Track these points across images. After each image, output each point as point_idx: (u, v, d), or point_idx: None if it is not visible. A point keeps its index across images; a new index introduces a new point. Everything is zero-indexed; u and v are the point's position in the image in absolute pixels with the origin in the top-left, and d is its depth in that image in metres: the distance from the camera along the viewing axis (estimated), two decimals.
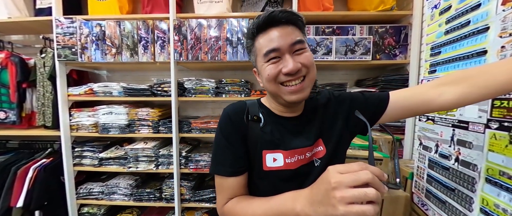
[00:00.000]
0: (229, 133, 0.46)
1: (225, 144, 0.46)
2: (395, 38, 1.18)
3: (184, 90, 1.27)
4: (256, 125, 0.46)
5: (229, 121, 0.47)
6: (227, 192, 0.46)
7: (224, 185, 0.46)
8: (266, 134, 0.46)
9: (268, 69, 0.42)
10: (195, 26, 1.16)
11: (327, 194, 0.28)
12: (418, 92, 0.45)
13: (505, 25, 0.50)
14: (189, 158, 1.26)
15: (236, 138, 0.46)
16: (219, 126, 0.48)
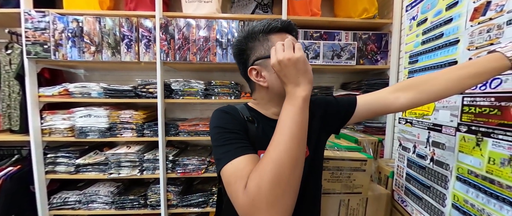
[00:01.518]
0: (233, 124, 0.44)
1: (230, 132, 0.42)
2: (376, 45, 1.25)
3: (171, 91, 1.22)
4: (252, 126, 0.47)
5: (229, 115, 0.46)
6: (246, 171, 0.36)
7: (239, 166, 0.37)
8: (260, 134, 0.47)
9: None
10: (183, 26, 1.12)
11: (290, 66, 0.38)
12: (380, 97, 0.52)
13: (472, 39, 0.56)
14: (176, 162, 1.22)
15: (240, 127, 0.44)
16: (217, 121, 0.45)
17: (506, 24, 0.48)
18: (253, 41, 0.46)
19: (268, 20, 0.46)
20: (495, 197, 0.49)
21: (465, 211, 0.57)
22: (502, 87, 0.49)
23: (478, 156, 0.53)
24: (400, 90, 0.50)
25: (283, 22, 0.46)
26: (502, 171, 0.48)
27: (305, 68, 0.38)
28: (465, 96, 0.57)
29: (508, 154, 0.47)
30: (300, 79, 0.38)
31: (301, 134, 0.37)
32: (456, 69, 0.46)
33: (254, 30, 0.46)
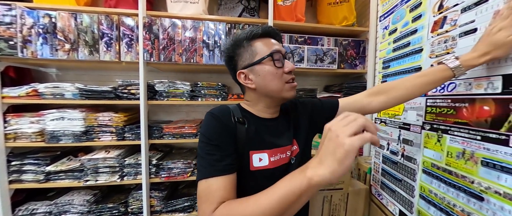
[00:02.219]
0: (218, 134, 0.45)
1: (214, 145, 0.44)
2: (355, 50, 1.34)
3: (155, 93, 1.18)
4: (242, 127, 0.48)
5: (217, 122, 0.46)
6: (217, 195, 0.40)
7: (212, 187, 0.41)
8: (251, 135, 0.49)
9: (276, 67, 0.48)
10: (169, 26, 1.10)
11: (333, 143, 0.29)
12: (357, 100, 0.59)
13: (433, 48, 0.64)
14: (160, 166, 1.18)
15: (226, 137, 0.46)
16: (205, 129, 0.46)
17: (459, 36, 0.56)
18: (239, 48, 0.50)
19: (251, 27, 0.50)
20: (452, 186, 0.56)
21: (430, 200, 0.64)
22: (456, 90, 0.56)
23: (439, 150, 0.60)
24: (373, 94, 0.58)
25: (264, 28, 0.50)
26: (458, 163, 0.55)
27: (343, 159, 0.27)
28: (428, 98, 0.65)
29: (461, 148, 0.54)
30: (329, 161, 0.29)
31: (286, 210, 0.33)
32: (416, 77, 0.54)
33: (239, 38, 0.50)
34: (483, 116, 0.49)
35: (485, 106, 0.49)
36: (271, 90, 0.49)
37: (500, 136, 0.45)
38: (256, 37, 0.49)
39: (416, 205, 0.69)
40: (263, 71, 0.48)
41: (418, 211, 0.68)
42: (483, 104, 0.49)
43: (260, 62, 0.48)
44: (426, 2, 0.67)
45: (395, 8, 0.82)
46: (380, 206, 0.90)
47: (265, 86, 0.49)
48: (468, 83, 0.53)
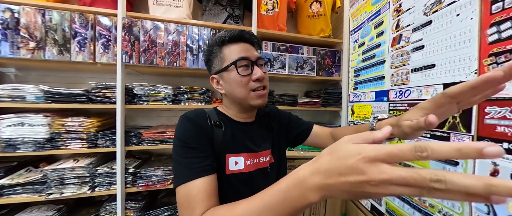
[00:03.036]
0: (195, 136, 0.44)
1: (190, 148, 0.43)
2: (332, 59, 1.47)
3: (133, 96, 1.13)
4: (218, 130, 0.48)
5: (193, 125, 0.45)
6: (199, 198, 0.38)
7: (193, 191, 0.39)
8: (228, 138, 0.49)
9: (240, 75, 0.47)
10: (150, 28, 1.08)
11: (356, 170, 0.19)
12: (324, 136, 0.61)
13: (393, 61, 0.74)
14: (138, 174, 1.11)
15: (203, 140, 0.45)
16: (180, 132, 0.45)
17: (412, 51, 0.67)
18: (211, 53, 0.51)
19: (222, 32, 0.50)
20: None
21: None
22: (411, 96, 0.67)
23: None
24: (331, 136, 0.59)
25: (232, 33, 0.48)
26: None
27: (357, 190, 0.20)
28: (391, 103, 0.75)
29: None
30: (340, 181, 0.20)
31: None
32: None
33: (210, 44, 0.51)
34: None
35: None
36: (237, 98, 0.49)
37: (444, 134, 0.55)
38: (225, 42, 0.49)
39: (384, 198, 0.77)
40: (229, 78, 0.48)
41: (386, 203, 0.76)
42: None
43: (226, 69, 0.48)
44: (386, 21, 0.78)
45: (363, 24, 0.94)
46: (355, 201, 0.98)
47: (232, 93, 0.49)
48: (419, 90, 0.63)
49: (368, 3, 0.90)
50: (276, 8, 1.34)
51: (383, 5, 0.80)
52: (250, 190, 0.50)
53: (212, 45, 0.50)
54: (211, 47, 0.51)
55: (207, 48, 0.52)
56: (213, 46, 0.50)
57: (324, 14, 1.42)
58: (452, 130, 0.53)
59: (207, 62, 0.53)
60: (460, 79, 0.51)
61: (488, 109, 0.45)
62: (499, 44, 0.44)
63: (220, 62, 0.49)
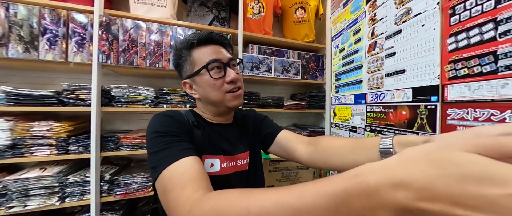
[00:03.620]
0: (174, 126, 0.41)
1: (170, 135, 0.38)
2: (316, 64, 1.53)
3: (111, 99, 1.06)
4: (196, 131, 0.47)
5: (171, 118, 0.43)
6: (188, 176, 0.31)
7: (179, 170, 0.32)
8: (205, 139, 0.48)
9: (214, 78, 0.46)
10: (131, 27, 1.03)
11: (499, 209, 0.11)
12: (292, 140, 0.52)
13: (369, 66, 0.80)
14: (115, 182, 1.04)
15: (183, 130, 0.41)
16: (157, 124, 0.41)
17: (385, 57, 0.72)
18: (180, 57, 0.49)
19: (189, 35, 0.48)
20: None
21: None
22: (385, 99, 0.72)
23: None
24: (307, 142, 0.49)
25: (201, 35, 0.46)
26: None
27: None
28: (368, 105, 0.80)
29: None
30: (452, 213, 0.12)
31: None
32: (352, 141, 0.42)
33: (177, 48, 0.49)
34: (402, 119, 0.64)
35: (403, 111, 0.64)
36: (213, 101, 0.48)
37: (413, 134, 0.60)
38: (194, 45, 0.47)
39: None
40: (202, 82, 0.47)
41: None
42: (402, 110, 0.64)
43: (198, 73, 0.46)
44: (363, 28, 0.84)
45: (343, 31, 1.00)
46: None
47: (206, 97, 0.48)
48: (392, 93, 0.68)
49: (347, 11, 0.96)
50: (262, 12, 1.37)
51: (360, 14, 0.86)
52: None
53: (180, 48, 0.48)
54: (179, 51, 0.48)
55: (175, 52, 0.49)
56: (182, 50, 0.48)
57: (308, 20, 1.48)
58: (420, 130, 0.57)
59: (176, 67, 0.51)
60: (426, 84, 0.56)
61: (449, 111, 0.50)
62: (457, 52, 0.49)
63: (190, 66, 0.47)
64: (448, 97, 0.51)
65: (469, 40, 0.46)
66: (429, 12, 0.55)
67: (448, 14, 0.51)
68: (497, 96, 0.41)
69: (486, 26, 0.43)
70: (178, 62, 0.50)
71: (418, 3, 0.59)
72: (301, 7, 1.48)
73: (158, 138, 0.38)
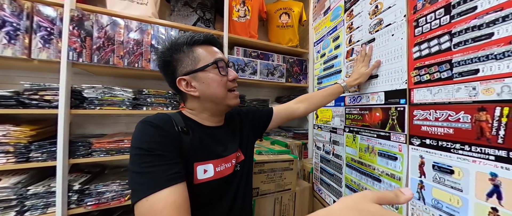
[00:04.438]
0: (160, 142, 0.39)
1: (155, 155, 0.37)
2: (299, 68, 1.58)
3: (82, 100, 0.97)
4: (186, 137, 0.44)
5: (157, 130, 0.40)
6: (167, 213, 0.32)
7: (158, 205, 0.32)
8: (196, 145, 0.46)
9: (221, 75, 0.48)
10: (107, 24, 0.97)
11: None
12: (289, 107, 0.72)
13: (347, 70, 0.85)
14: (86, 191, 0.95)
15: (170, 146, 0.40)
16: (141, 138, 0.39)
17: None
18: (178, 52, 0.47)
19: (190, 33, 0.49)
20: (363, 174, 0.74)
21: (351, 187, 0.81)
22: (362, 101, 0.77)
23: (355, 147, 0.79)
24: (299, 102, 0.74)
25: (206, 35, 0.49)
26: (365, 155, 0.74)
27: None
28: (346, 107, 0.85)
29: (367, 144, 0.73)
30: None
31: None
32: (324, 91, 0.76)
33: (177, 42, 0.47)
34: (376, 120, 0.69)
35: (377, 113, 0.69)
36: (216, 98, 0.49)
37: (386, 134, 0.65)
38: (197, 43, 0.48)
39: (344, 194, 0.85)
40: (207, 79, 0.47)
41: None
42: (376, 112, 0.69)
43: (204, 69, 0.47)
44: (342, 35, 0.89)
45: (324, 37, 1.05)
46: (321, 200, 1.05)
47: (209, 94, 0.48)
48: (367, 96, 0.74)
49: (327, 19, 1.02)
50: (247, 16, 1.38)
51: (339, 22, 0.92)
52: (220, 197, 0.49)
53: (180, 43, 0.47)
54: (179, 46, 0.47)
55: (172, 46, 0.47)
56: (182, 45, 0.47)
57: (292, 26, 1.53)
58: (392, 130, 0.63)
59: (167, 64, 0.48)
60: (396, 88, 0.62)
61: (415, 112, 0.56)
62: (420, 60, 0.55)
63: (193, 62, 0.47)
64: (414, 100, 0.56)
65: (430, 50, 0.52)
66: (398, 23, 0.61)
67: (413, 26, 0.57)
68: (452, 99, 0.47)
69: (443, 38, 0.49)
70: (173, 57, 0.47)
71: (388, 15, 0.65)
72: (285, 12, 1.53)
73: (141, 156, 0.37)
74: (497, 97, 0.39)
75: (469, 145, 0.44)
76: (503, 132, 0.38)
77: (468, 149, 0.44)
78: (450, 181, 0.47)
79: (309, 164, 1.23)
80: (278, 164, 0.93)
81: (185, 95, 0.51)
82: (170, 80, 0.50)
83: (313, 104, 0.74)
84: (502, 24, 0.39)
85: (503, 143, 0.38)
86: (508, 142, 0.38)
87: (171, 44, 0.48)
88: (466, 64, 0.45)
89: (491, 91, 0.40)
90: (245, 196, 0.56)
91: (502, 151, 0.38)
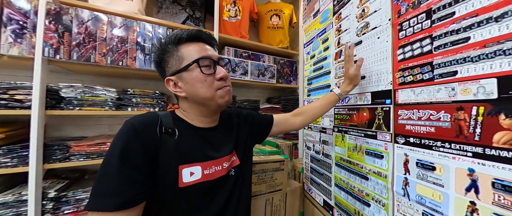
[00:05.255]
0: (130, 150, 0.38)
1: (118, 167, 0.36)
2: (290, 69, 1.60)
3: (59, 100, 0.91)
4: (170, 139, 0.43)
5: (134, 135, 0.39)
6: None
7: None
8: (182, 147, 0.44)
9: (205, 74, 0.45)
10: (88, 19, 0.91)
11: None
12: (287, 119, 0.73)
13: (336, 72, 0.87)
14: (62, 199, 0.88)
15: (140, 156, 0.39)
16: (120, 141, 0.38)
17: None
18: (165, 53, 0.46)
19: (177, 31, 0.47)
20: (352, 173, 0.76)
21: (340, 186, 0.82)
22: (350, 102, 0.79)
23: (343, 146, 0.81)
24: (296, 115, 0.74)
25: (191, 31, 0.47)
26: (354, 154, 0.75)
27: None
28: (336, 108, 0.87)
29: (355, 143, 0.75)
30: None
31: None
32: (319, 101, 0.74)
33: (164, 42, 0.47)
34: (364, 120, 0.71)
35: (364, 113, 0.71)
36: (202, 98, 0.46)
37: (373, 133, 0.67)
38: (182, 41, 0.46)
39: (333, 192, 0.86)
40: (191, 78, 0.45)
41: (334, 197, 0.86)
42: (363, 112, 0.72)
43: (186, 68, 0.45)
44: (330, 37, 0.92)
45: (313, 39, 1.07)
46: (311, 199, 1.06)
47: (195, 94, 0.46)
48: (355, 97, 0.76)
49: (317, 21, 1.04)
50: (238, 16, 1.37)
51: (328, 25, 0.94)
52: (207, 201, 0.47)
53: (166, 43, 0.46)
54: (165, 46, 0.46)
55: (160, 47, 0.47)
56: (168, 44, 0.46)
57: (283, 27, 1.55)
58: (378, 130, 0.65)
59: (159, 63, 0.48)
60: (382, 88, 0.64)
61: (400, 112, 0.58)
62: (404, 62, 0.57)
63: (177, 62, 0.46)
64: (398, 100, 0.59)
65: (413, 52, 0.55)
66: (383, 27, 0.64)
67: (397, 29, 0.60)
68: (433, 99, 0.49)
69: (425, 41, 0.52)
70: (162, 58, 0.46)
71: (375, 18, 0.67)
72: (276, 14, 1.54)
73: (113, 157, 0.37)
74: (474, 97, 0.42)
75: (449, 143, 0.46)
76: (479, 130, 0.41)
77: (448, 147, 0.46)
78: (432, 177, 0.49)
79: (300, 164, 1.24)
80: (269, 165, 0.93)
81: (175, 96, 0.51)
82: (162, 81, 0.49)
83: (309, 117, 0.73)
84: (477, 29, 0.42)
85: (480, 140, 0.41)
86: (484, 139, 0.40)
87: (160, 45, 0.47)
88: (445, 66, 0.47)
89: (468, 91, 0.43)
90: (240, 202, 0.53)
91: (479, 148, 0.41)
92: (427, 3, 0.51)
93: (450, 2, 0.47)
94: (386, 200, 0.62)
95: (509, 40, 0.37)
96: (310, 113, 0.73)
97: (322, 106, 0.74)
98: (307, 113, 0.73)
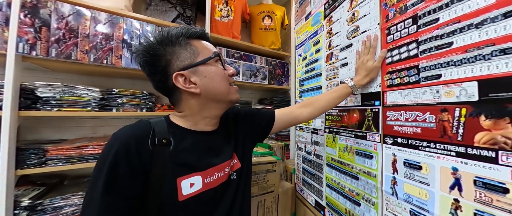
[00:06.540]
0: (117, 176, 0.36)
1: (101, 193, 0.35)
2: (281, 70, 1.61)
3: (36, 100, 0.84)
4: (165, 150, 0.40)
5: (123, 155, 0.36)
6: None
7: None
8: (179, 158, 0.41)
9: (223, 68, 0.47)
10: (69, 14, 0.85)
11: None
12: (291, 112, 0.66)
13: (327, 74, 0.88)
14: (37, 207, 0.81)
15: (126, 180, 0.37)
16: (103, 162, 0.36)
17: (340, 66, 0.82)
18: (172, 45, 0.43)
19: (183, 26, 0.46)
20: (343, 173, 0.77)
21: (332, 186, 0.83)
22: (340, 103, 0.80)
23: (334, 147, 0.82)
24: (303, 106, 0.67)
25: (202, 29, 0.48)
26: (344, 155, 0.77)
27: None
28: None
29: (345, 144, 0.76)
30: None
31: None
32: (330, 93, 0.68)
33: (171, 34, 0.43)
34: (354, 121, 0.72)
35: (354, 114, 0.73)
36: (219, 93, 0.46)
37: (363, 133, 0.69)
38: (193, 36, 0.45)
39: (324, 193, 0.87)
40: (210, 72, 0.44)
41: (326, 197, 0.87)
42: (353, 113, 0.73)
43: (205, 62, 0.44)
44: (322, 40, 0.93)
45: (305, 41, 1.09)
46: (303, 200, 1.07)
47: (213, 89, 0.45)
48: (346, 98, 0.77)
49: (308, 24, 1.05)
50: (230, 16, 1.36)
51: (319, 27, 0.95)
52: (212, 209, 0.45)
53: (176, 35, 0.42)
54: (174, 38, 0.42)
55: (165, 39, 0.42)
56: (178, 37, 0.43)
57: (275, 29, 1.56)
58: (368, 130, 0.66)
59: (157, 59, 0.42)
60: (371, 90, 0.66)
61: (388, 113, 0.60)
62: (392, 65, 0.59)
63: (192, 55, 0.43)
64: (387, 102, 0.60)
65: (400, 56, 0.57)
66: (373, 31, 0.66)
67: (385, 34, 0.62)
68: (420, 101, 0.52)
69: (411, 45, 0.54)
70: (167, 50, 0.42)
71: (364, 22, 0.69)
72: (268, 16, 1.55)
73: (96, 179, 0.36)
74: (457, 99, 0.44)
75: (434, 143, 0.48)
76: (462, 130, 0.43)
77: (433, 147, 0.48)
78: (419, 176, 0.51)
79: (291, 165, 1.25)
80: (261, 166, 0.92)
81: (179, 95, 0.45)
82: (158, 78, 0.44)
83: (318, 108, 0.66)
84: (460, 34, 0.44)
85: (462, 140, 0.43)
86: (466, 139, 0.42)
87: (163, 36, 0.42)
88: (431, 69, 0.49)
89: (451, 93, 0.45)
90: (243, 207, 0.52)
91: (461, 148, 0.43)
92: (413, 9, 0.54)
93: (434, 9, 0.49)
94: (376, 199, 0.63)
95: (488, 46, 0.40)
96: (320, 105, 0.66)
97: (333, 98, 0.67)
98: (316, 104, 0.66)
